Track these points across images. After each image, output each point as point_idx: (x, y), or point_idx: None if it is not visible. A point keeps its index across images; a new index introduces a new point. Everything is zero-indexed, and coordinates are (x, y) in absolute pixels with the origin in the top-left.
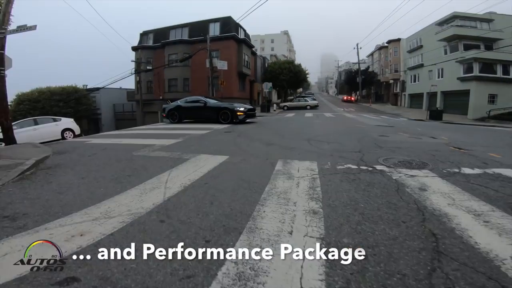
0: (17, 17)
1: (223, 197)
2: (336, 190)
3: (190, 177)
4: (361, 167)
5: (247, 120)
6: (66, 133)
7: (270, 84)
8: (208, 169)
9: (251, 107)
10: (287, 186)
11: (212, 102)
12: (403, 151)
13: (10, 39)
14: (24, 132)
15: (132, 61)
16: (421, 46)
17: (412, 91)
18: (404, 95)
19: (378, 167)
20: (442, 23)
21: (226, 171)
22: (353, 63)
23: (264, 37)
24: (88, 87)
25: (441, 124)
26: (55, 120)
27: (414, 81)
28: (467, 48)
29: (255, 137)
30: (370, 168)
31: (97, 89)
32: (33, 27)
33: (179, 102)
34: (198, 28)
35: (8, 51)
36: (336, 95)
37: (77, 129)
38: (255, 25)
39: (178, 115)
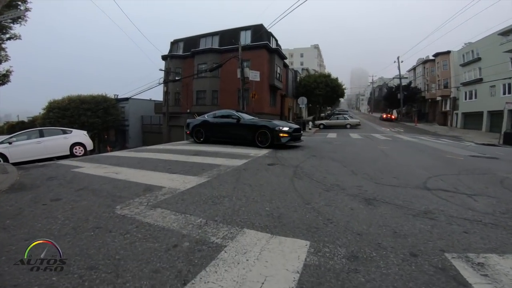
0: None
1: None
2: None
3: None
4: None
5: (289, 144)
6: (75, 148)
7: (305, 100)
8: None
9: (297, 126)
10: None
11: (247, 118)
12: None
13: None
14: (27, 145)
15: (160, 69)
16: (479, 59)
17: (467, 110)
18: (456, 114)
19: None
20: (507, 32)
21: None
22: (392, 78)
23: (293, 51)
24: (118, 97)
25: None
26: (64, 132)
27: (470, 98)
28: None
29: (326, 178)
30: None
31: (126, 99)
32: (23, 11)
33: (206, 117)
34: (229, 36)
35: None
36: (369, 112)
37: (89, 144)
38: (283, 39)
39: (205, 133)
